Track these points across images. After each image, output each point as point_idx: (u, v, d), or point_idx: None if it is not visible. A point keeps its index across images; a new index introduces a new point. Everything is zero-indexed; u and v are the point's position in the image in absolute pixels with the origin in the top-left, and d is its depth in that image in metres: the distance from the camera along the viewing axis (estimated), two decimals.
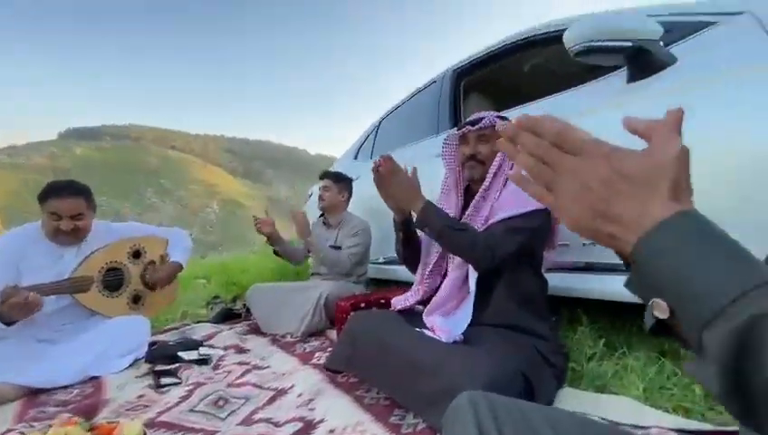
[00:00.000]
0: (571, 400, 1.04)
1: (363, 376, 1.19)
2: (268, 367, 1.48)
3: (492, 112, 1.31)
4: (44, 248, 1.57)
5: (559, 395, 1.06)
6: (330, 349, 1.63)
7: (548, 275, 1.27)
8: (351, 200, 2.38)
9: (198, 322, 2.28)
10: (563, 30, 1.49)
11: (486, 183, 1.21)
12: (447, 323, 1.12)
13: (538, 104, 1.63)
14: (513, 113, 1.67)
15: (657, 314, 0.31)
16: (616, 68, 1.34)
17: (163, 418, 1.08)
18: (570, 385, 1.12)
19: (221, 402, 1.16)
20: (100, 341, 1.53)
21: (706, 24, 1.17)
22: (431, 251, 1.31)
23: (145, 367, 1.53)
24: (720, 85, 1.08)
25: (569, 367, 1.18)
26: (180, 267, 1.90)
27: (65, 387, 1.39)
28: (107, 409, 1.17)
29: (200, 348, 1.63)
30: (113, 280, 1.71)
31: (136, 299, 1.80)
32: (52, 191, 1.52)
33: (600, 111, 1.35)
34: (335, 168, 3.37)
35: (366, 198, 2.50)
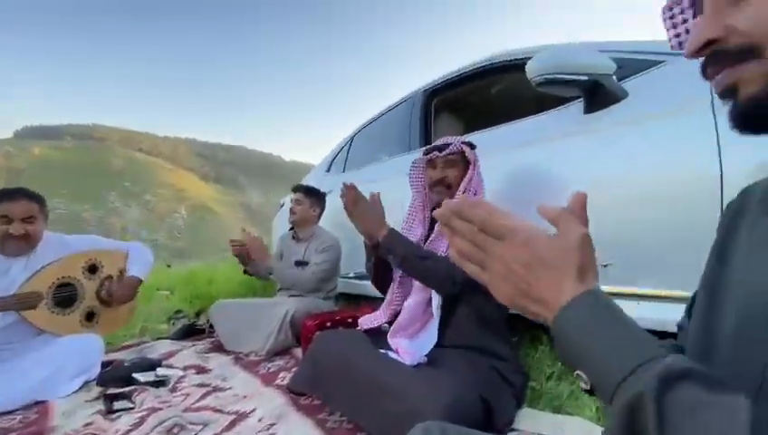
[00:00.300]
0: (530, 420, 1.07)
1: (327, 398, 1.18)
2: (230, 388, 1.44)
3: (459, 138, 1.35)
4: None
5: (518, 415, 1.08)
6: (295, 368, 1.60)
7: None
8: (323, 214, 2.37)
9: (158, 338, 2.19)
10: (528, 58, 1.57)
11: None
12: (412, 345, 1.14)
13: (504, 128, 1.69)
14: (482, 136, 1.73)
15: (582, 384, 0.34)
16: (577, 97, 1.42)
17: None
18: (529, 405, 1.15)
19: (176, 429, 1.11)
20: (49, 362, 1.44)
21: (655, 63, 1.26)
22: (398, 270, 1.32)
23: (96, 390, 1.45)
24: (666, 119, 1.17)
25: (529, 386, 1.21)
26: (139, 282, 1.82)
27: (8, 412, 1.30)
28: None
29: (157, 369, 1.56)
30: (65, 296, 1.62)
31: (89, 316, 1.70)
32: (2, 195, 1.46)
33: (560, 139, 1.42)
34: (307, 180, 3.35)
35: (337, 212, 2.48)
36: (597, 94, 1.30)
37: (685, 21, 0.44)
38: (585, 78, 1.26)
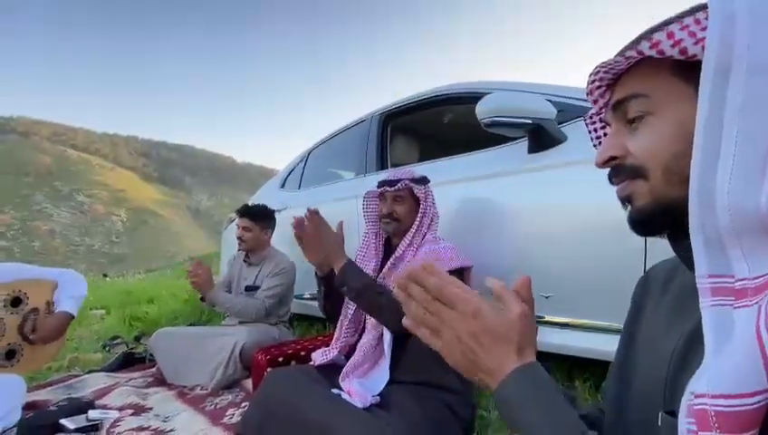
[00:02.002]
0: None
1: None
2: (171, 431, 1.36)
3: (410, 171, 1.39)
4: None
5: None
6: (244, 404, 1.55)
7: None
8: (278, 232, 2.27)
9: (90, 371, 2.01)
10: (476, 92, 1.66)
11: (404, 244, 1.28)
12: (363, 385, 1.14)
13: (456, 160, 1.76)
14: (434, 166, 1.79)
15: None
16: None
17: None
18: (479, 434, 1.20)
19: None
20: None
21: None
22: (350, 305, 1.33)
23: None
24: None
25: (478, 415, 1.26)
26: (70, 318, 1.66)
27: None
28: None
29: (89, 411, 1.43)
30: None
31: (10, 355, 1.53)
32: None
33: (506, 176, 1.51)
34: (260, 196, 3.25)
35: (289, 230, 2.45)
36: (539, 136, 1.40)
37: (603, 127, 0.49)
38: (528, 121, 1.35)
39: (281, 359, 1.46)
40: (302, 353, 1.51)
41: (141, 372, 1.99)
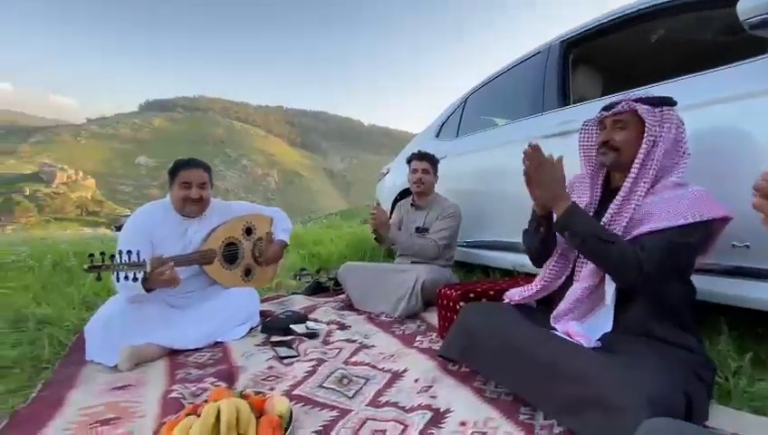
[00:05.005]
0: (725, 418, 0.95)
1: (482, 369, 1.17)
2: (374, 346, 1.53)
3: (629, 95, 1.17)
4: (173, 222, 1.72)
5: (711, 413, 0.97)
6: (429, 333, 1.65)
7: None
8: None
9: (293, 293, 2.42)
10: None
11: (629, 183, 1.09)
12: (583, 328, 1.06)
13: (674, 84, 1.43)
14: (664, 88, 1.48)
15: None
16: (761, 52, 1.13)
17: (297, 392, 1.16)
18: (718, 402, 1.03)
19: (345, 381, 1.22)
20: (222, 309, 1.68)
21: None
22: (560, 248, 1.23)
23: (261, 337, 1.66)
24: None
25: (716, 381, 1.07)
26: (285, 245, 2.02)
27: (196, 350, 1.55)
28: (243, 377, 1.28)
29: (307, 322, 1.72)
30: (231, 254, 1.85)
31: (247, 272, 1.93)
32: (182, 164, 1.68)
33: (748, 98, 1.15)
34: (414, 145, 3.31)
35: (448, 179, 2.45)
36: None
37: None
38: None
39: (471, 295, 1.48)
40: (491, 293, 1.50)
41: (332, 297, 2.31)
